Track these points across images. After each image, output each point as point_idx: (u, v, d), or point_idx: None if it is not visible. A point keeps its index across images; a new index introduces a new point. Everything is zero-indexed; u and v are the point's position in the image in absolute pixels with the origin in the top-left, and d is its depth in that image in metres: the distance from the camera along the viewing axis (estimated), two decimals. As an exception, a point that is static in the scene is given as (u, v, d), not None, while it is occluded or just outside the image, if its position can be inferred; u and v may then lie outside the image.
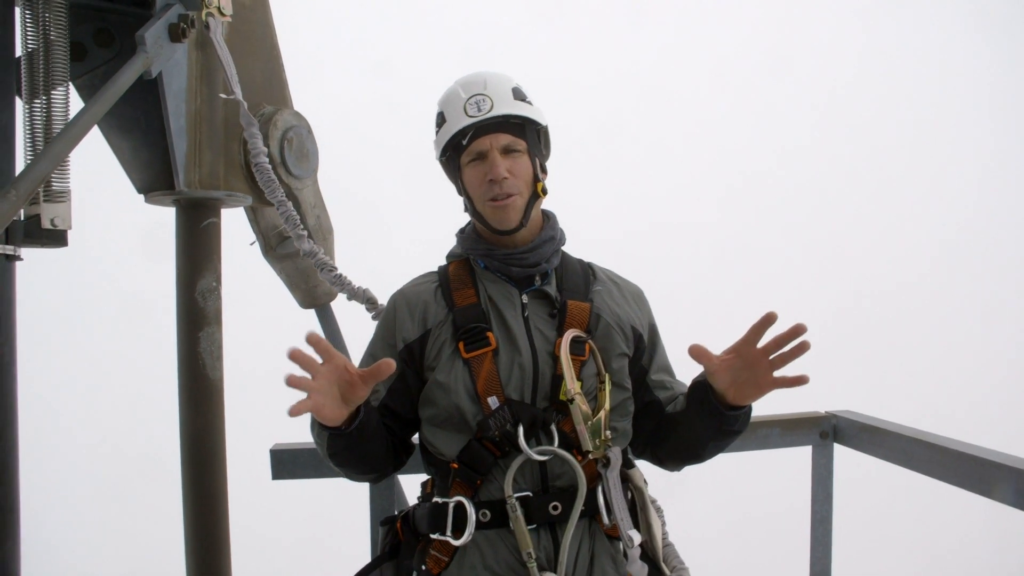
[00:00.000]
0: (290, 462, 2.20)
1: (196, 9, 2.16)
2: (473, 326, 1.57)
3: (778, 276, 15.01)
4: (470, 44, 14.92)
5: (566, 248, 1.77)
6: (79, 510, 8.71)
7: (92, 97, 1.89)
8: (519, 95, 1.64)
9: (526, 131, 1.63)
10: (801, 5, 17.29)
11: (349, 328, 3.34)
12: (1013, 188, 15.64)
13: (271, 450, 2.21)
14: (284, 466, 2.20)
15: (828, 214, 16.18)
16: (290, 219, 2.51)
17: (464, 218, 1.75)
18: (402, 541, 1.70)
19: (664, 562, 1.72)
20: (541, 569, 1.48)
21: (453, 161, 1.67)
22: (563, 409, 1.54)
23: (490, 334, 1.57)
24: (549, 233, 1.68)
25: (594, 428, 1.51)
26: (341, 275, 2.60)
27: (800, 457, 2.47)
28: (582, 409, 1.51)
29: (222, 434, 2.62)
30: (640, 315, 1.72)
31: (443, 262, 1.78)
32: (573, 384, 1.51)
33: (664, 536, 1.84)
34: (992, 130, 16.14)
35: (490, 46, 15.43)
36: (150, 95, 2.27)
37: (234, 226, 2.98)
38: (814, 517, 2.42)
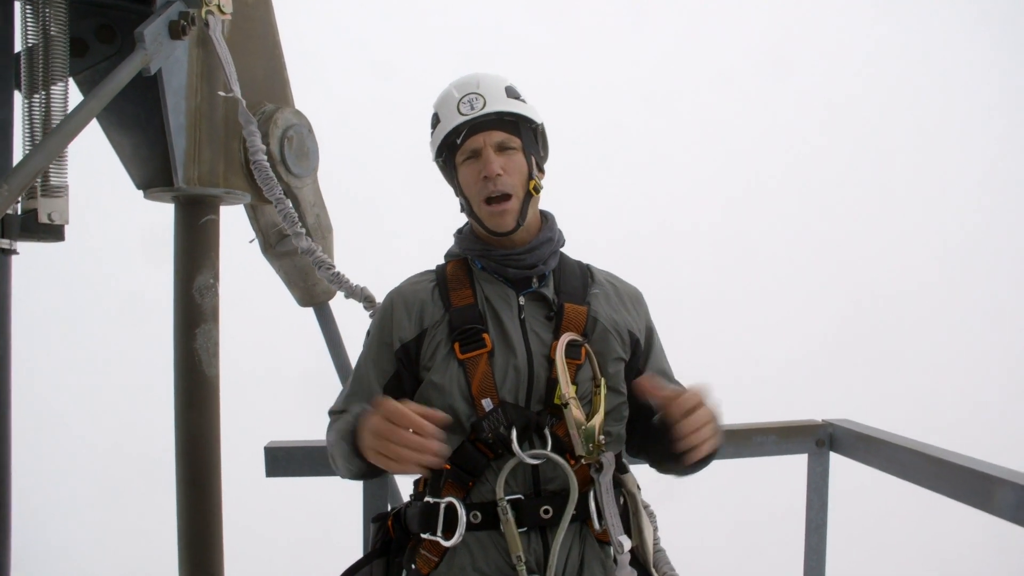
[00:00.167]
0: (284, 460, 2.21)
1: (196, 7, 2.16)
2: (469, 327, 1.57)
3: (779, 282, 14.99)
4: (472, 45, 14.92)
5: (565, 250, 1.76)
6: (72, 506, 8.70)
7: (90, 93, 1.89)
8: (512, 93, 1.64)
9: (520, 129, 1.63)
10: (806, 9, 17.29)
11: (347, 327, 3.34)
12: (1018, 195, 15.62)
13: (265, 448, 2.22)
14: (278, 464, 2.20)
15: (830, 220, 16.14)
16: (288, 217, 2.51)
17: (463, 218, 1.74)
18: (393, 539, 1.70)
19: (655, 568, 1.72)
20: (530, 572, 1.48)
21: (449, 161, 1.67)
22: (557, 413, 1.53)
23: (486, 335, 1.56)
24: (547, 235, 1.68)
25: (587, 433, 1.50)
26: (339, 273, 2.60)
27: (796, 465, 2.47)
28: (576, 414, 1.51)
29: (217, 431, 2.62)
30: (637, 319, 1.71)
31: (442, 261, 1.77)
32: (567, 389, 1.51)
33: (656, 542, 1.84)
34: (998, 137, 16.09)
35: (492, 48, 15.44)
36: (151, 92, 2.27)
37: (234, 224, 2.98)
38: (809, 525, 2.41)
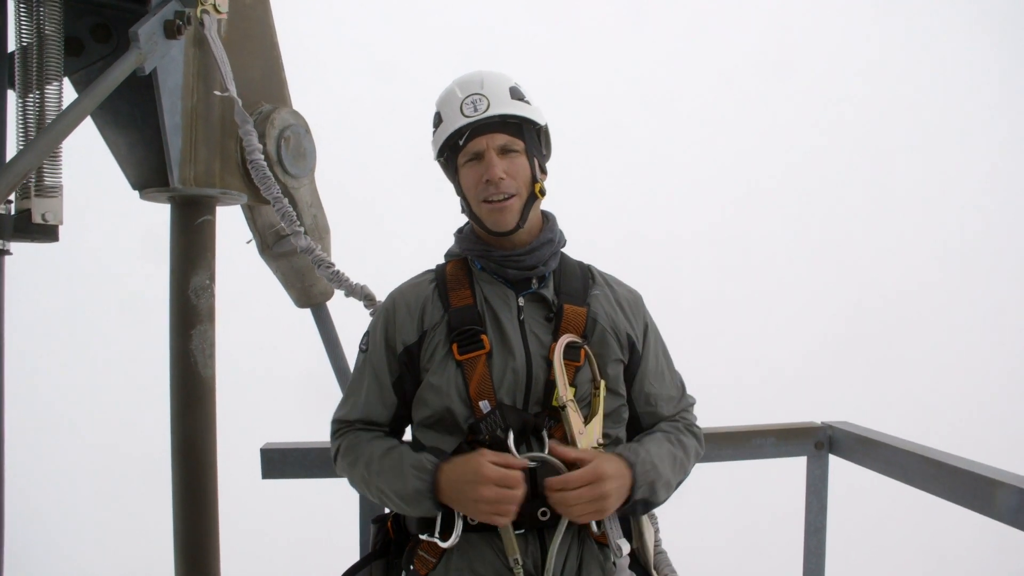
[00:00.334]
0: (280, 462, 2.20)
1: (192, 6, 2.15)
2: (467, 328, 1.56)
3: (779, 283, 15.01)
4: (472, 45, 14.91)
5: (566, 250, 1.75)
6: (70, 506, 8.69)
7: (82, 92, 1.87)
8: (516, 94, 1.62)
9: (524, 131, 1.61)
10: (806, 10, 17.30)
11: (344, 328, 3.32)
12: (1018, 196, 15.63)
13: (261, 449, 2.21)
14: (274, 465, 2.20)
15: (830, 221, 16.16)
16: (286, 216, 2.49)
17: (463, 218, 1.73)
18: (392, 540, 1.70)
19: (655, 569, 1.71)
20: (528, 575, 1.47)
21: (451, 161, 1.66)
22: (556, 415, 1.53)
23: (484, 337, 1.55)
24: (548, 235, 1.66)
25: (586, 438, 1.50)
26: (338, 271, 2.58)
27: (795, 467, 2.46)
28: (573, 416, 1.50)
29: (213, 432, 2.60)
30: (635, 322, 1.70)
31: (442, 261, 1.76)
32: (565, 391, 1.50)
33: (657, 544, 1.83)
34: (998, 137, 16.12)
35: (492, 48, 15.43)
36: (146, 91, 2.24)
37: (232, 225, 2.97)
38: (808, 527, 2.40)
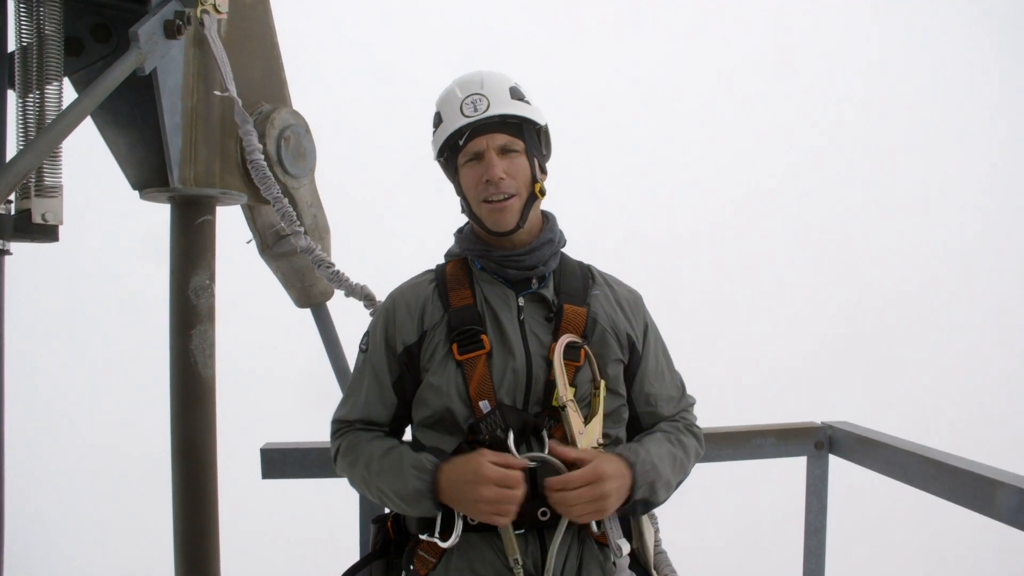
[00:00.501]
0: (280, 462, 2.20)
1: (192, 6, 2.15)
2: (467, 328, 1.56)
3: (779, 283, 15.01)
4: (472, 45, 14.92)
5: (566, 250, 1.75)
6: (70, 506, 8.69)
7: (82, 92, 1.87)
8: (517, 94, 1.62)
9: (524, 131, 1.61)
10: (806, 10, 17.29)
11: (344, 328, 3.32)
12: (1018, 196, 15.63)
13: (261, 449, 2.21)
14: (274, 466, 2.20)
15: (830, 221, 16.17)
16: (286, 215, 2.49)
17: (463, 218, 1.73)
18: (392, 540, 1.70)
19: (655, 569, 1.71)
20: (528, 575, 1.47)
21: (451, 161, 1.66)
22: (556, 415, 1.53)
23: (484, 337, 1.55)
24: (548, 235, 1.66)
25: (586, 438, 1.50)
26: (339, 271, 2.58)
27: (795, 467, 2.46)
28: (573, 416, 1.50)
29: (213, 432, 2.59)
30: (635, 322, 1.70)
31: (442, 261, 1.76)
32: (565, 391, 1.50)
33: (657, 544, 1.83)
34: (999, 137, 16.13)
35: (492, 48, 15.43)
36: (146, 91, 2.24)
37: (232, 225, 2.97)
38: (808, 527, 2.40)
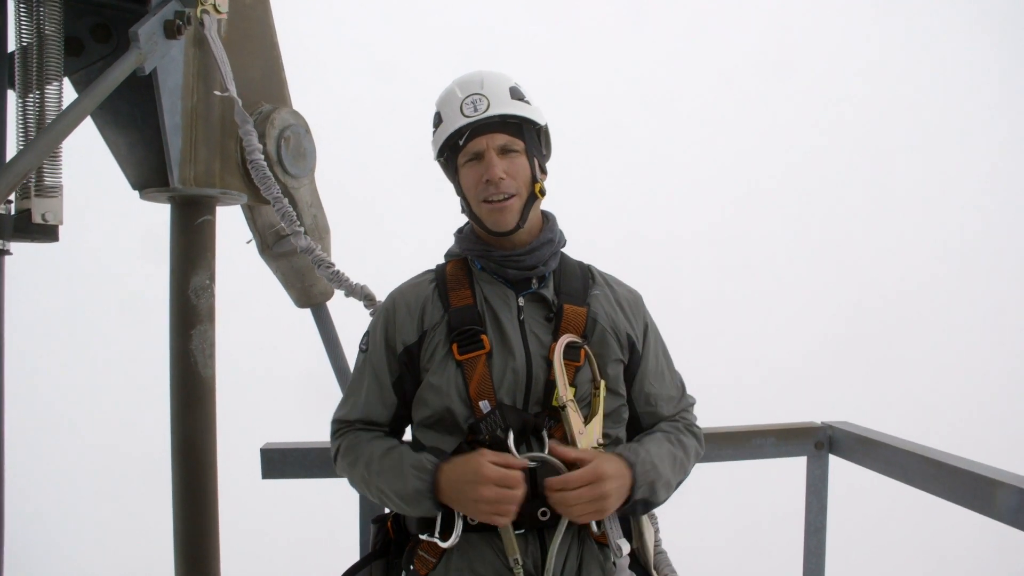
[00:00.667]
0: (280, 462, 2.20)
1: (192, 6, 2.15)
2: (467, 328, 1.56)
3: (779, 282, 15.00)
4: (472, 45, 14.92)
5: (566, 250, 1.75)
6: (70, 506, 8.69)
7: (82, 92, 1.87)
8: (516, 94, 1.62)
9: (524, 131, 1.61)
10: (806, 10, 17.29)
11: (344, 328, 3.32)
12: (1018, 196, 15.63)
13: (261, 449, 2.21)
14: (274, 466, 2.20)
15: (830, 221, 16.17)
16: (286, 215, 2.49)
17: (463, 218, 1.73)
18: (392, 540, 1.70)
19: (655, 569, 1.71)
20: (528, 575, 1.47)
21: (451, 161, 1.66)
22: (556, 415, 1.53)
23: (484, 337, 1.55)
24: (548, 235, 1.66)
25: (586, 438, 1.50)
26: (339, 271, 2.58)
27: (795, 467, 2.46)
28: (573, 416, 1.50)
29: (213, 432, 2.59)
30: (635, 322, 1.70)
31: (442, 261, 1.76)
32: (565, 391, 1.50)
33: (657, 544, 1.83)
34: (998, 137, 16.13)
35: (492, 48, 15.43)
36: (146, 91, 2.24)
37: (232, 225, 2.97)
38: (808, 527, 2.40)
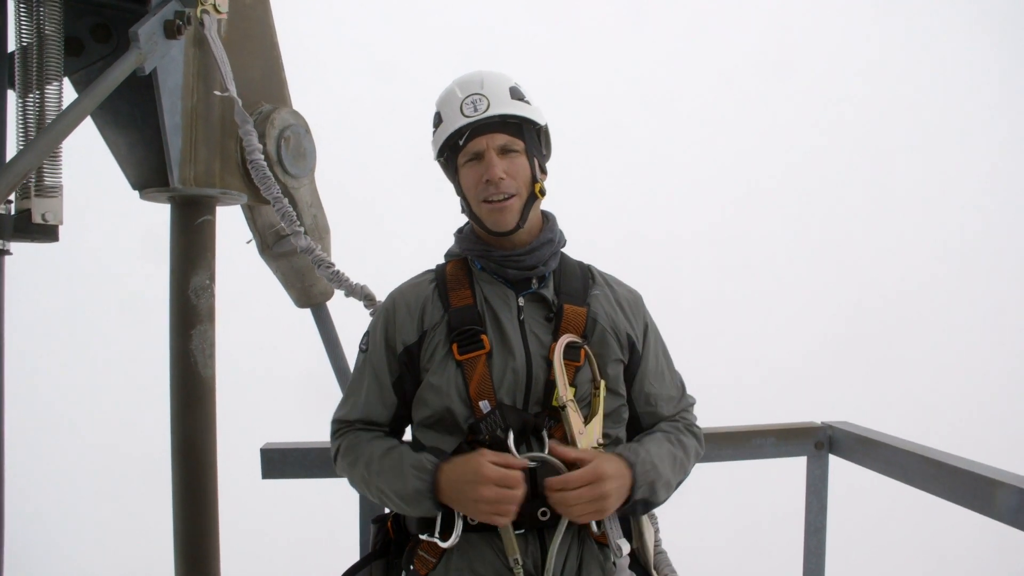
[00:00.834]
0: (280, 462, 2.20)
1: (192, 6, 2.15)
2: (467, 328, 1.56)
3: (779, 282, 15.01)
4: (472, 45, 14.92)
5: (566, 250, 1.75)
6: (68, 507, 8.69)
7: (82, 92, 1.87)
8: (517, 94, 1.62)
9: (524, 131, 1.61)
10: (806, 10, 17.29)
11: (344, 328, 3.32)
12: (1018, 196, 15.63)
13: (261, 449, 2.21)
14: (274, 465, 2.20)
15: (830, 221, 16.17)
16: (286, 215, 2.49)
17: (463, 218, 1.73)
18: (392, 540, 1.70)
19: (655, 569, 1.71)
20: (528, 575, 1.47)
21: (451, 161, 1.66)
22: (556, 415, 1.53)
23: (484, 337, 1.55)
24: (548, 235, 1.66)
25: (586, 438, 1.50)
26: (339, 271, 2.58)
27: (795, 467, 2.46)
28: (573, 416, 1.50)
29: (213, 432, 2.59)
30: (635, 322, 1.70)
31: (442, 261, 1.76)
32: (565, 391, 1.50)
33: (657, 544, 1.83)
34: (998, 137, 16.13)
35: (492, 48, 15.43)
36: (146, 91, 2.24)
37: (232, 225, 2.97)
38: (808, 527, 2.40)
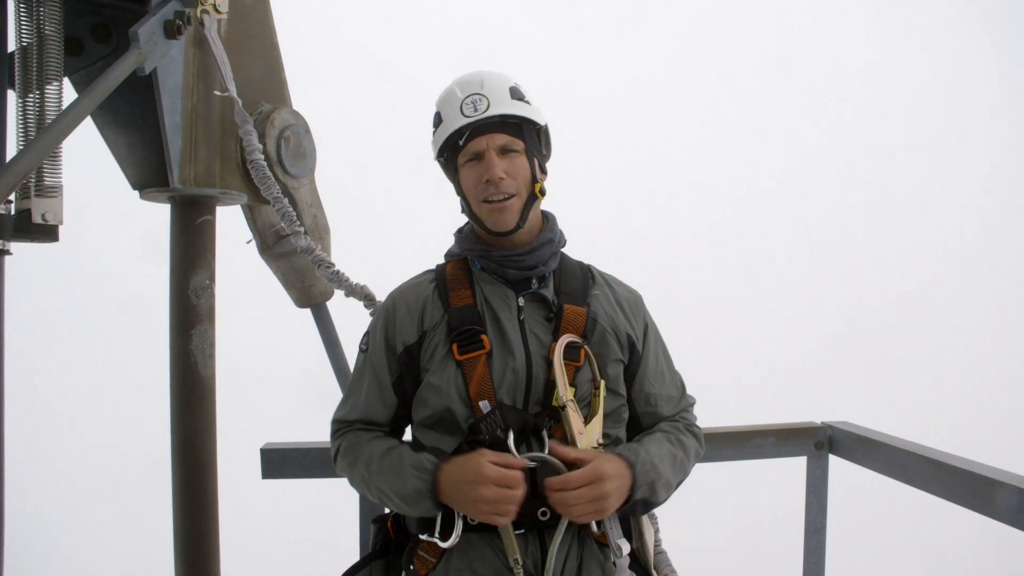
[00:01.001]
0: (280, 462, 2.20)
1: (192, 6, 2.15)
2: (467, 328, 1.56)
3: (779, 282, 15.01)
4: (472, 45, 14.92)
5: (566, 250, 1.75)
6: (68, 507, 8.69)
7: (82, 92, 1.87)
8: (516, 94, 1.62)
9: (524, 131, 1.61)
10: (806, 10, 17.29)
11: (344, 328, 3.32)
12: (1018, 196, 15.63)
13: (261, 449, 2.21)
14: (274, 466, 2.20)
15: (830, 221, 16.17)
16: (286, 215, 2.49)
17: (463, 218, 1.73)
18: (392, 540, 1.70)
19: (655, 569, 1.71)
20: (528, 575, 1.47)
21: (451, 161, 1.66)
22: (556, 415, 1.53)
23: (484, 337, 1.55)
24: (548, 235, 1.66)
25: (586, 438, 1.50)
26: (339, 271, 2.58)
27: (795, 467, 2.46)
28: (573, 416, 1.50)
29: (213, 432, 2.59)
30: (635, 322, 1.70)
31: (442, 261, 1.76)
32: (565, 391, 1.50)
33: (657, 544, 1.83)
34: (999, 137, 16.13)
35: (492, 48, 15.43)
36: (146, 91, 2.24)
37: (232, 224, 2.97)
38: (808, 527, 2.40)
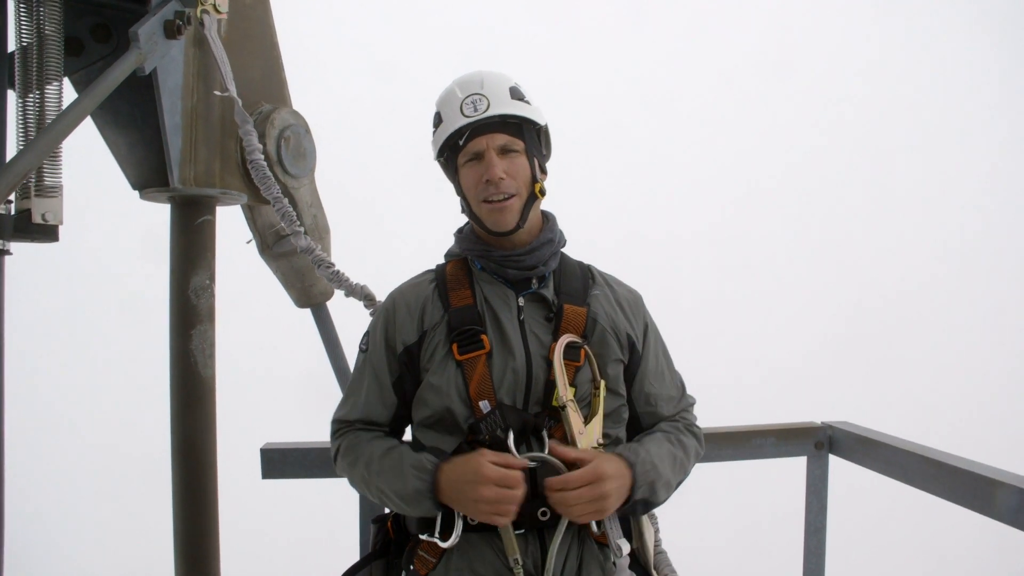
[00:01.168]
0: (280, 462, 2.20)
1: (192, 6, 2.15)
2: (467, 328, 1.56)
3: (779, 282, 15.01)
4: (472, 45, 14.92)
5: (566, 250, 1.75)
6: (68, 507, 8.69)
7: (82, 92, 1.87)
8: (516, 94, 1.62)
9: (524, 131, 1.61)
10: (806, 10, 17.29)
11: (344, 328, 3.32)
12: (1018, 196, 15.63)
13: (261, 449, 2.21)
14: (274, 466, 2.20)
15: (830, 221, 16.17)
16: (286, 215, 2.49)
17: (463, 218, 1.73)
18: (392, 540, 1.70)
19: (655, 569, 1.71)
20: (528, 575, 1.47)
21: (451, 161, 1.66)
22: (556, 415, 1.53)
23: (484, 337, 1.55)
24: (548, 235, 1.66)
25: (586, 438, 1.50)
26: (339, 271, 2.59)
27: (795, 467, 2.46)
28: (573, 416, 1.50)
29: (213, 432, 2.60)
30: (635, 322, 1.70)
31: (442, 261, 1.76)
32: (565, 391, 1.50)
33: (657, 544, 1.83)
34: (998, 137, 16.13)
35: (492, 48, 15.43)
36: (146, 91, 2.24)
37: (232, 224, 2.97)
38: (808, 527, 2.40)
